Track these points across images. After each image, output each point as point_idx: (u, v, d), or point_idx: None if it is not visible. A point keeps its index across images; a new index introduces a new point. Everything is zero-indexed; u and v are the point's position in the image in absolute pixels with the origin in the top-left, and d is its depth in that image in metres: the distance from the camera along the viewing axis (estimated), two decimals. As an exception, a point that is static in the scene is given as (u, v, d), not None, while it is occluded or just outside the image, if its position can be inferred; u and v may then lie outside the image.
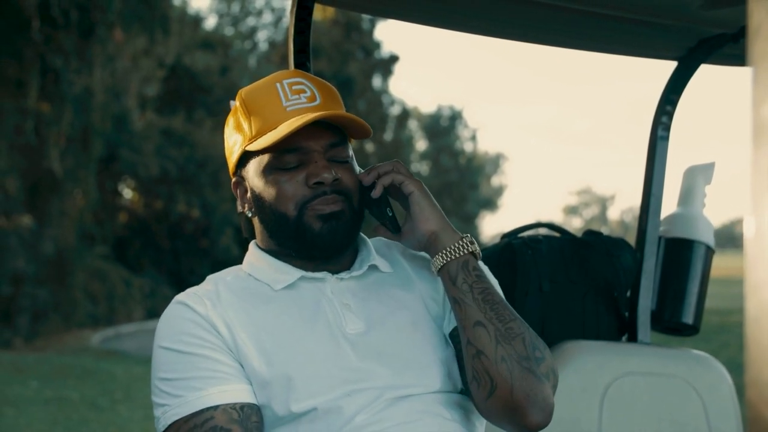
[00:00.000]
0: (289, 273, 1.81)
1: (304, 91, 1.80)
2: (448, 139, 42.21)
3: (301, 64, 2.40)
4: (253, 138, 1.79)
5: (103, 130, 19.18)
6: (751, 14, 0.76)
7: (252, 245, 1.92)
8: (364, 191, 1.84)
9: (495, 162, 56.59)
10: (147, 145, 23.31)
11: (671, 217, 2.75)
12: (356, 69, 30.37)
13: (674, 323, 2.71)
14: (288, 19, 2.39)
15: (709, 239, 2.72)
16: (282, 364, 1.69)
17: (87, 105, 16.81)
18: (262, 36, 34.67)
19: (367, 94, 33.01)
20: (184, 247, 26.35)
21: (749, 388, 0.69)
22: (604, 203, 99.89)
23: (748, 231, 0.72)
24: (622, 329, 2.71)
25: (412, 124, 40.05)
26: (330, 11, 25.48)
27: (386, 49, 37.18)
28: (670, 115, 2.76)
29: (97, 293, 20.74)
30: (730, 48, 2.63)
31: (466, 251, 1.76)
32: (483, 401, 1.68)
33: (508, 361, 1.66)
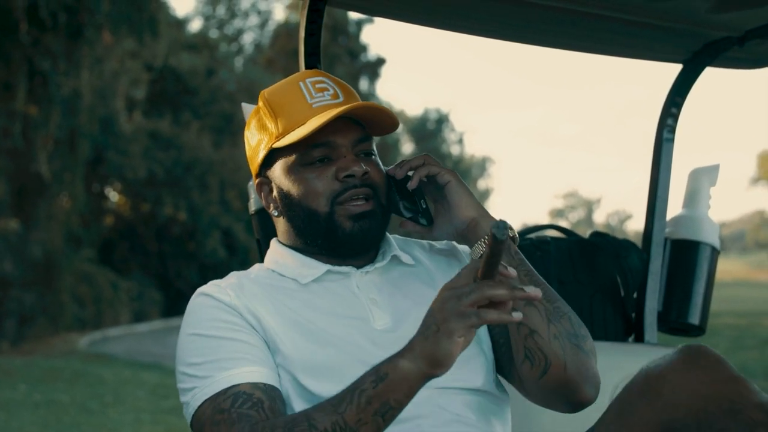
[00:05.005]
0: (315, 267, 1.82)
1: (327, 89, 1.83)
2: (434, 142, 42.28)
3: (312, 66, 2.40)
4: (280, 135, 1.80)
5: (91, 133, 19.11)
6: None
7: (274, 243, 1.93)
8: (395, 185, 1.85)
9: (482, 165, 56.71)
10: (134, 147, 23.25)
11: (677, 219, 2.77)
12: (343, 72, 30.35)
13: (680, 324, 2.73)
14: (274, 22, 2.39)
15: (715, 240, 2.74)
16: (311, 353, 1.70)
17: (75, 107, 16.74)
18: (248, 38, 34.63)
19: (354, 96, 32.95)
20: (171, 250, 26.27)
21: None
22: (590, 206, 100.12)
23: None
24: (629, 330, 2.73)
25: (399, 127, 40.08)
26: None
27: (373, 52, 37.19)
28: (676, 118, 2.78)
29: (84, 296, 20.64)
30: (735, 51, 2.65)
31: (507, 236, 1.76)
32: (536, 380, 1.71)
33: (561, 339, 1.70)
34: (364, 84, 34.54)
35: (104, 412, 9.93)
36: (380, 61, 34.93)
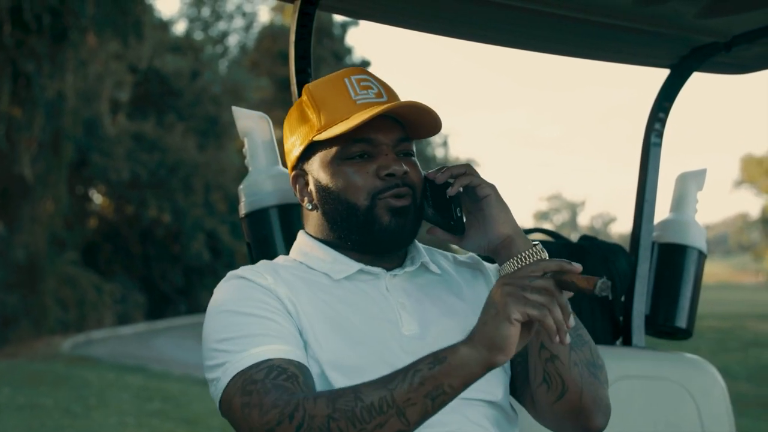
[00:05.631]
0: (347, 264, 1.81)
1: (371, 88, 1.83)
2: (419, 145, 42.18)
3: (302, 70, 2.40)
4: (322, 129, 1.79)
5: (75, 135, 19.06)
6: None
7: (303, 235, 1.90)
8: (431, 190, 1.83)
9: (465, 167, 56.66)
10: (118, 149, 23.18)
11: (664, 223, 2.78)
12: (327, 74, 30.31)
13: (668, 327, 2.74)
14: (259, 24, 2.39)
15: (702, 244, 2.75)
16: (341, 350, 1.69)
17: (58, 110, 16.69)
18: (233, 40, 34.59)
19: (339, 99, 32.95)
20: (155, 252, 26.19)
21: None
22: (574, 209, 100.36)
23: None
24: (617, 333, 2.74)
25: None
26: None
27: (357, 55, 37.10)
28: (663, 122, 2.79)
29: (67, 299, 20.57)
30: (722, 56, 2.66)
31: (539, 256, 1.76)
32: (551, 403, 1.73)
33: (580, 366, 1.71)
34: (348, 86, 34.47)
35: (88, 415, 9.89)
36: (365, 64, 34.96)
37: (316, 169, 1.82)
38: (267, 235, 2.28)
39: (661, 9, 2.38)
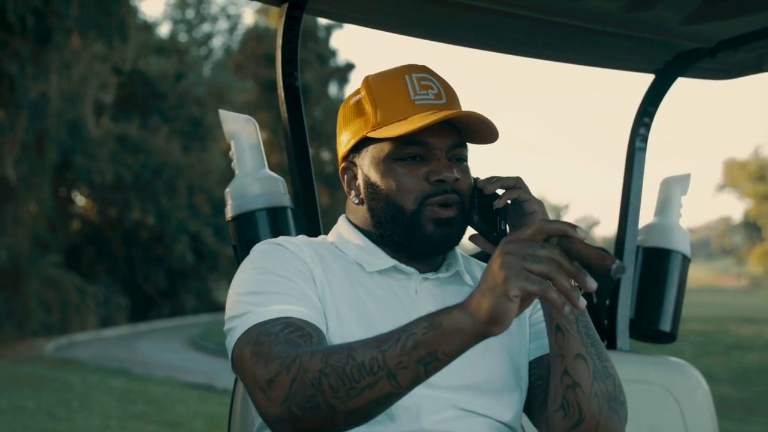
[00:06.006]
0: (383, 258, 1.79)
1: (431, 88, 1.80)
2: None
3: (289, 74, 2.41)
4: (378, 125, 1.78)
5: (58, 137, 18.99)
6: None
7: (344, 221, 1.89)
8: (478, 198, 1.81)
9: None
10: (102, 151, 23.12)
11: (649, 227, 2.79)
12: (312, 77, 30.35)
13: (652, 331, 2.75)
14: (244, 26, 2.39)
15: (686, 248, 2.77)
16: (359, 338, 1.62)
17: (42, 111, 16.64)
18: (217, 42, 34.54)
19: (323, 102, 33.00)
20: (138, 254, 26.13)
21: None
22: (558, 212, 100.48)
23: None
24: (602, 337, 2.75)
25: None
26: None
27: (342, 57, 37.22)
28: (648, 127, 2.81)
29: (50, 301, 20.50)
30: (706, 62, 2.68)
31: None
32: (565, 430, 1.72)
33: (600, 398, 1.70)
34: (333, 89, 34.54)
35: (71, 418, 9.85)
36: (349, 66, 34.98)
37: (367, 165, 1.80)
38: (253, 238, 2.28)
39: (647, 15, 2.40)
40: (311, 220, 2.39)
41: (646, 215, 2.84)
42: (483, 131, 1.78)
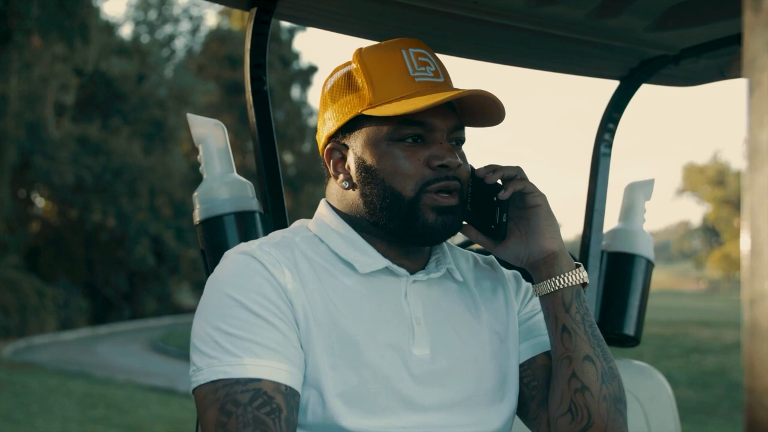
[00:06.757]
0: (374, 258, 1.67)
1: (429, 65, 1.68)
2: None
3: (258, 78, 2.40)
4: (375, 103, 1.63)
5: (17, 138, 18.79)
6: (747, 46, 0.81)
7: (328, 209, 1.75)
8: (477, 187, 1.70)
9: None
10: (62, 153, 22.92)
11: (613, 232, 2.81)
12: (274, 79, 30.28)
13: (616, 335, 2.77)
14: (206, 27, 2.39)
15: (650, 253, 2.79)
16: (341, 377, 1.56)
17: (1, 112, 16.46)
18: (179, 44, 34.35)
19: (286, 104, 32.97)
20: (98, 257, 25.95)
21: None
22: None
23: (744, 247, 0.78)
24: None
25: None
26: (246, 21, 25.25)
27: (305, 60, 37.12)
28: (612, 133, 2.83)
29: (8, 304, 20.27)
30: (670, 69, 2.71)
31: (581, 280, 1.68)
32: None
33: (608, 401, 1.65)
34: (296, 92, 34.50)
35: (30, 422, 9.76)
36: (312, 69, 34.96)
37: (360, 146, 1.66)
38: (222, 242, 2.27)
39: (612, 23, 2.42)
40: (279, 225, 2.38)
41: (609, 220, 2.87)
42: (490, 112, 1.67)
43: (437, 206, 1.62)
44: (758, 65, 0.80)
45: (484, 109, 1.66)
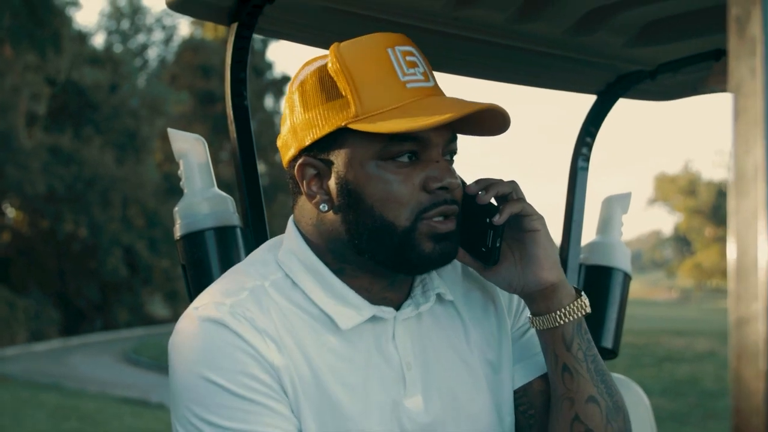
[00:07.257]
0: (356, 307, 1.48)
1: (417, 65, 1.45)
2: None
3: (239, 93, 2.41)
4: (364, 115, 1.39)
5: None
6: (732, 72, 0.83)
7: (296, 234, 1.53)
8: (468, 206, 1.52)
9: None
10: (33, 162, 22.77)
11: (591, 245, 2.83)
12: (248, 89, 30.18)
13: (594, 348, 2.79)
14: (179, 37, 2.39)
15: (627, 266, 2.81)
16: None
17: (-28, 122, 16.35)
18: (152, 53, 34.25)
19: (259, 114, 32.92)
20: (70, 267, 25.79)
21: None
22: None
23: (731, 270, 0.80)
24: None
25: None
26: (221, 30, 25.26)
27: (278, 70, 37.11)
28: (590, 147, 2.86)
29: (-21, 315, 20.11)
30: (647, 84, 2.74)
31: (583, 312, 1.55)
32: None
33: None
34: (269, 101, 34.48)
35: (2, 435, 9.69)
36: (285, 79, 34.94)
37: (344, 165, 1.42)
38: (202, 257, 2.27)
39: (590, 39, 2.44)
40: (260, 239, 2.38)
41: (586, 233, 2.89)
42: (496, 122, 1.47)
43: (435, 233, 1.43)
44: (743, 91, 0.82)
45: (485, 120, 1.46)
